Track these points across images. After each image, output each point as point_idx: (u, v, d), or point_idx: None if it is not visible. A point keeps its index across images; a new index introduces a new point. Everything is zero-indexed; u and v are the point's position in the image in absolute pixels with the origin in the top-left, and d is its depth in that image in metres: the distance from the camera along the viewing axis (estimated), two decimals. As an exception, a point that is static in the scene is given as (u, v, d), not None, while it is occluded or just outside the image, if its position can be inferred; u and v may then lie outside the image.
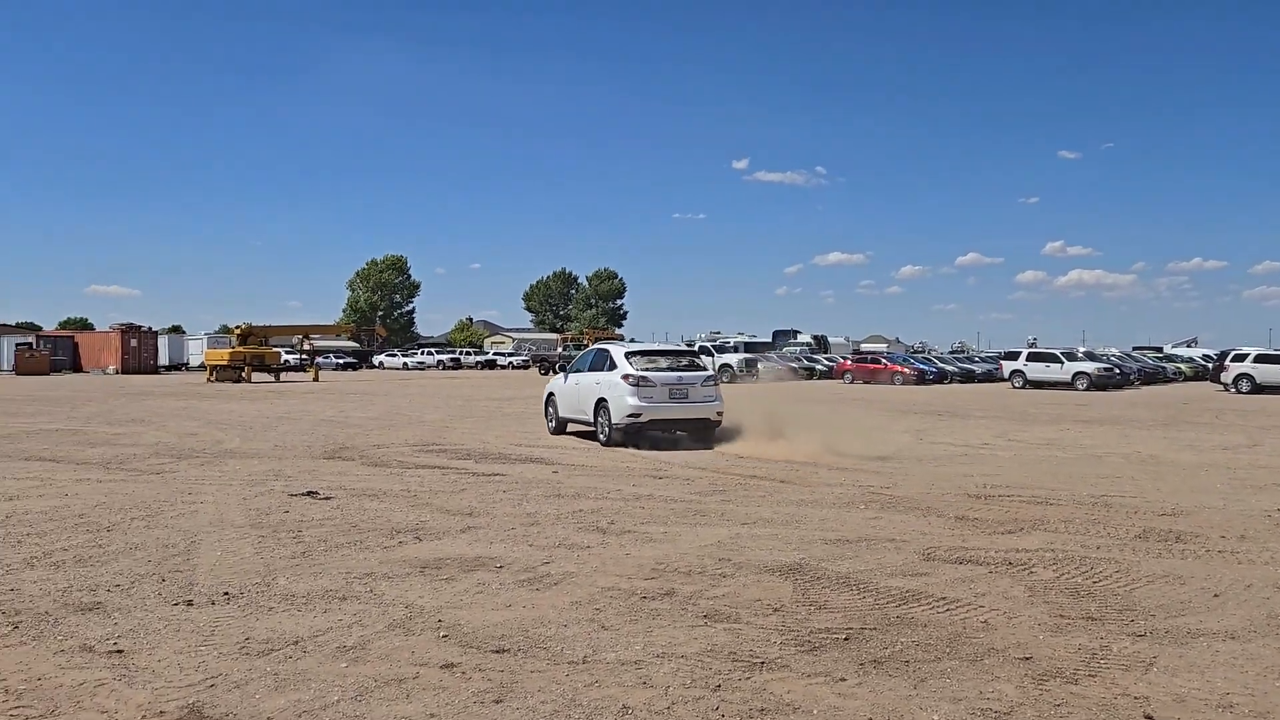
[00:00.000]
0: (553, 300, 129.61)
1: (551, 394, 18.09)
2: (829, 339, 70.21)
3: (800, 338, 67.88)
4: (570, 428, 17.63)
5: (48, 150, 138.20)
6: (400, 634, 5.29)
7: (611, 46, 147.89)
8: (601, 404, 15.80)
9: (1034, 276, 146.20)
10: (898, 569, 6.97)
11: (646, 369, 15.73)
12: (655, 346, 19.22)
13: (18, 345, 58.58)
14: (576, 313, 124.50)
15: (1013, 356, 44.52)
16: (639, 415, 15.22)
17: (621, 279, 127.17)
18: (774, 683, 4.60)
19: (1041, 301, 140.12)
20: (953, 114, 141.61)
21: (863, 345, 79.62)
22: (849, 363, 50.61)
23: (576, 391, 16.92)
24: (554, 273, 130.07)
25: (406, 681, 4.55)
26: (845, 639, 5.28)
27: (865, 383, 46.10)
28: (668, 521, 8.83)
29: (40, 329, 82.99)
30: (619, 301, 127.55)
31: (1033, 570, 6.96)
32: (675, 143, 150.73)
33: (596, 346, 18.35)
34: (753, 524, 8.72)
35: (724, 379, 45.07)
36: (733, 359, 47.12)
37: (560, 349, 72.18)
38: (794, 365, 54.08)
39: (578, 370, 17.36)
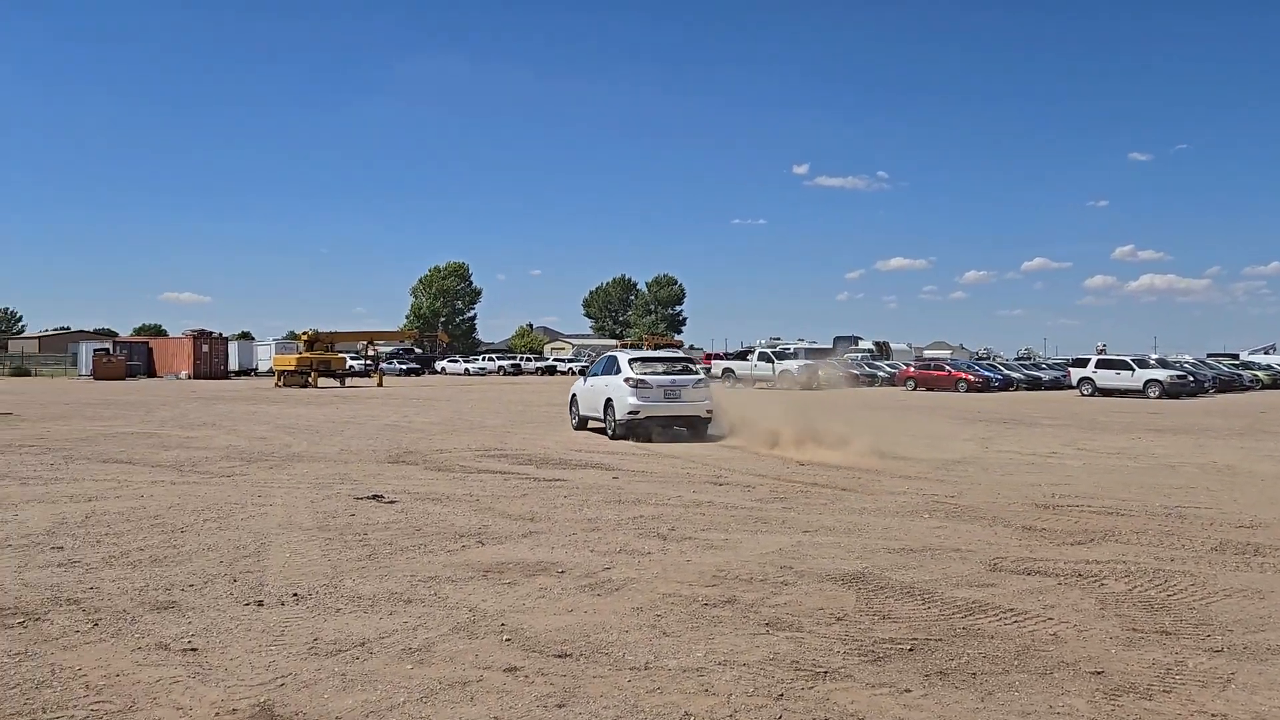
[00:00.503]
0: (612, 306, 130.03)
1: (574, 395, 20.43)
2: (891, 345, 69.41)
3: (862, 344, 67.24)
4: (590, 424, 19.77)
5: (123, 161, 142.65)
6: (464, 637, 5.35)
7: (672, 52, 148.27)
8: (609, 403, 18.16)
9: (1103, 281, 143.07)
10: (963, 579, 6.86)
11: (645, 373, 17.96)
12: (655, 354, 21.26)
13: (96, 351, 60.44)
14: (636, 319, 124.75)
15: (1081, 363, 43.50)
16: (637, 413, 17.48)
17: (681, 285, 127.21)
18: (837, 693, 4.55)
19: (1111, 307, 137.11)
20: (1019, 116, 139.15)
21: (925, 351, 78.51)
22: (911, 369, 50.00)
23: (592, 393, 19.28)
24: (613, 279, 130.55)
25: (470, 684, 4.60)
26: (910, 650, 5.21)
27: (928, 390, 45.47)
28: (728, 528, 8.80)
29: (116, 335, 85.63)
30: (678, 308, 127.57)
31: (1104, 582, 6.79)
32: (735, 148, 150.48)
33: (609, 354, 20.35)
34: (814, 532, 8.65)
35: (784, 385, 44.95)
36: (793, 365, 46.82)
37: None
38: (855, 372, 53.58)
39: (594, 374, 19.66)
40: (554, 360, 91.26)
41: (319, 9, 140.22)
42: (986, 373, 47.98)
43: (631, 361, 18.43)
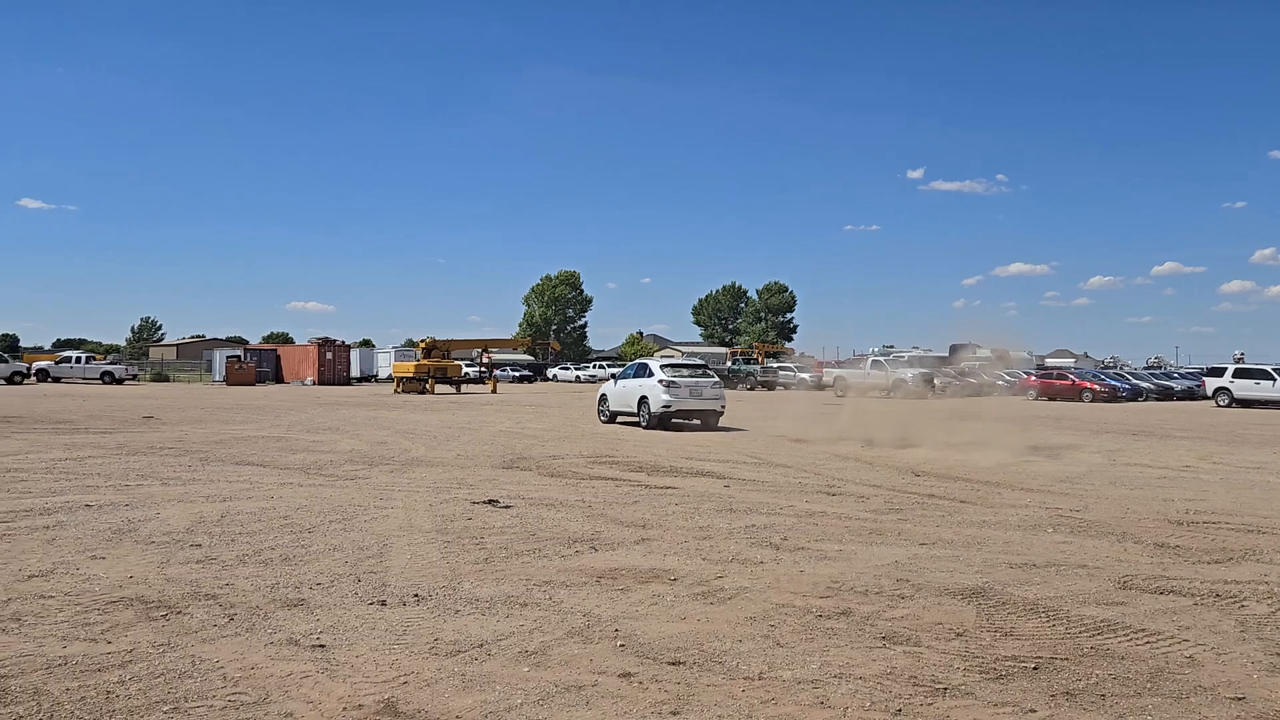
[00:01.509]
0: (722, 314, 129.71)
1: (604, 395, 24.79)
2: (1011, 353, 67.24)
3: (980, 352, 65.35)
4: (619, 419, 24.25)
5: (253, 175, 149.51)
6: (579, 641, 5.42)
7: (784, 58, 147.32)
8: (643, 400, 22.61)
9: (1241, 286, 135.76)
10: (1091, 597, 6.60)
11: (675, 376, 22.47)
12: (681, 361, 26.25)
13: (228, 358, 63.44)
14: (745, 326, 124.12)
15: (1217, 373, 41.36)
16: (670, 406, 22.02)
17: (792, 292, 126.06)
18: (958, 710, 4.44)
19: (1250, 314, 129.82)
20: (1149, 115, 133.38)
21: (1048, 360, 75.85)
22: (1033, 378, 48.34)
23: (624, 392, 23.64)
24: (723, 286, 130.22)
25: (585, 688, 4.65)
26: (1034, 668, 5.04)
27: (1050, 399, 43.96)
28: (842, 539, 8.67)
29: (247, 342, 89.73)
30: (789, 315, 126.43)
31: (1244, 604, 6.44)
32: (848, 154, 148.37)
33: (638, 361, 24.99)
34: (932, 544, 8.46)
35: (898, 394, 44.06)
36: (907, 373, 45.86)
37: (729, 363, 72.11)
38: (972, 380, 52.13)
39: (625, 378, 24.13)
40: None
41: (433, 22, 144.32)
42: (1114, 382, 46.08)
43: (663, 367, 23.00)
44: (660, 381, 22.14)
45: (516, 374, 78.90)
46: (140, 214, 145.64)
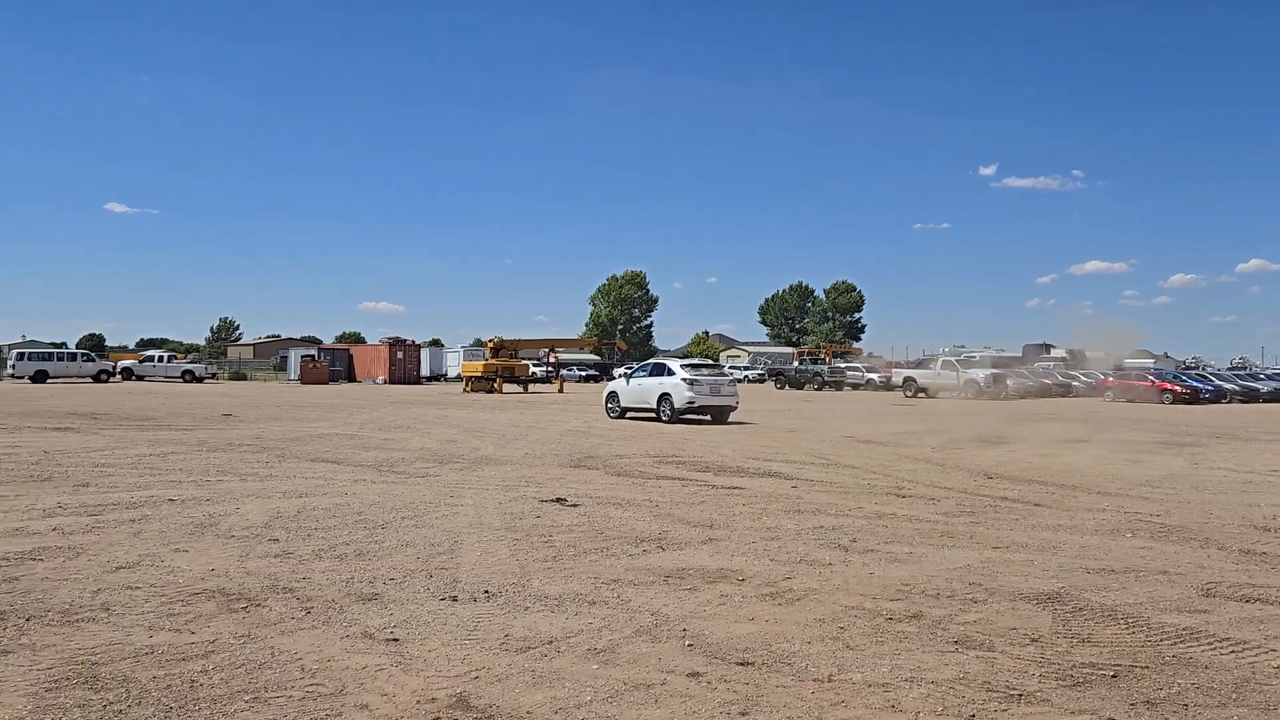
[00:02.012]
0: (789, 314, 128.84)
1: (614, 392, 26.82)
2: (1087, 353, 65.61)
3: (1054, 352, 63.93)
4: (629, 415, 26.12)
5: (325, 178, 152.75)
6: (647, 640, 5.44)
7: (851, 55, 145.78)
8: (665, 397, 24.58)
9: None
10: (1172, 604, 6.42)
11: (696, 375, 24.84)
12: (698, 361, 28.91)
13: (303, 357, 64.91)
14: (813, 326, 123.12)
15: (1306, 373, 39.85)
16: (693, 403, 24.31)
17: (860, 291, 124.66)
18: (1033, 717, 4.36)
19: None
20: (1232, 108, 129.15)
21: (1126, 360, 73.91)
22: (1110, 379, 47.14)
23: (641, 390, 25.66)
24: (790, 286, 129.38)
25: (654, 687, 4.66)
26: (1113, 676, 4.92)
27: (1129, 401, 42.79)
28: (913, 542, 8.56)
29: (320, 342, 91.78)
30: (857, 315, 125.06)
31: (1337, 614, 6.20)
32: (917, 150, 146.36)
33: (654, 361, 27.69)
34: (1005, 548, 8.30)
35: (969, 394, 43.30)
36: (979, 374, 45.04)
37: (796, 363, 71.60)
38: (1046, 381, 51.02)
39: (639, 376, 26.26)
40: (730, 368, 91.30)
41: (500, 23, 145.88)
42: (1195, 383, 44.69)
43: (684, 366, 25.51)
44: (684, 380, 24.41)
45: (583, 373, 79.33)
46: (218, 217, 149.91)
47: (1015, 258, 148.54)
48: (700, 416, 25.28)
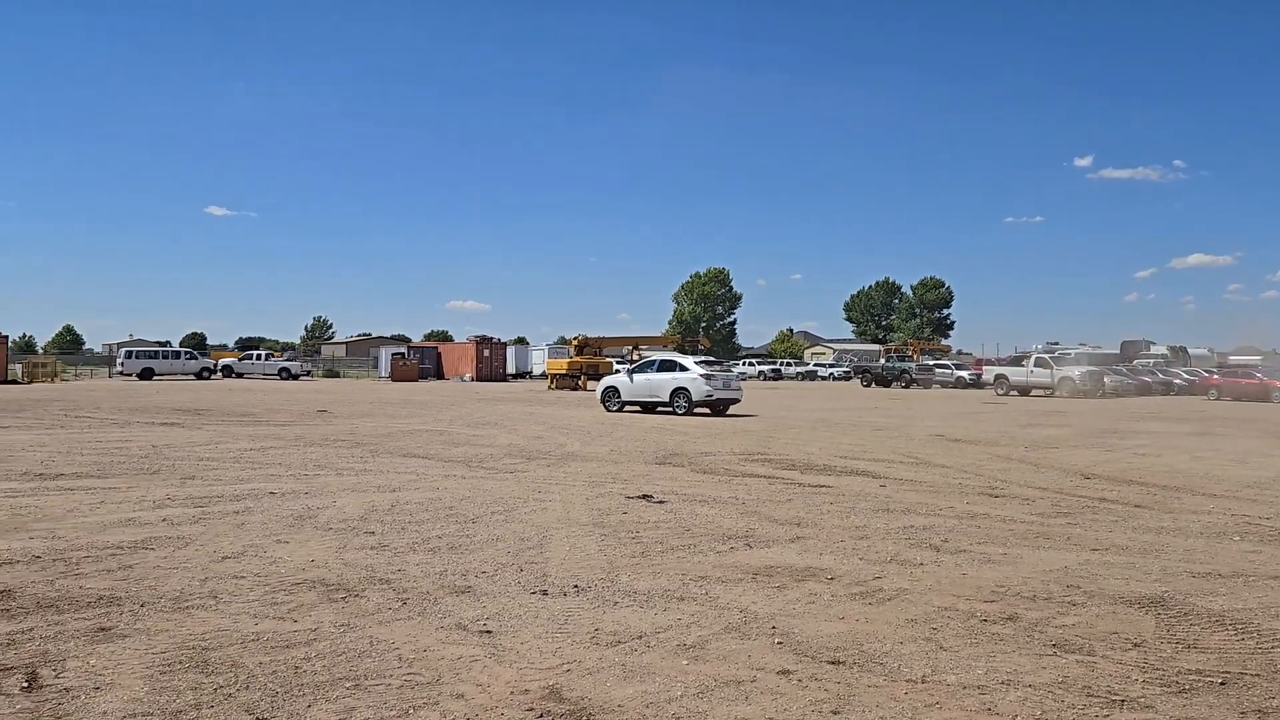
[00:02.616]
0: (875, 310, 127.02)
1: (614, 387, 28.50)
2: (1188, 350, 63.19)
3: (1154, 349, 61.72)
4: (627, 408, 28.13)
5: (412, 179, 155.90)
6: (736, 637, 5.43)
7: (935, 46, 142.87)
8: (681, 391, 26.60)
9: None
10: (1285, 611, 6.15)
11: (710, 371, 27.26)
12: (706, 358, 31.82)
13: (393, 355, 66.43)
14: (899, 323, 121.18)
15: None
16: (710, 395, 26.42)
17: (948, 287, 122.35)
18: (1137, 724, 4.23)
19: None
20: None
21: (1231, 357, 70.87)
22: (1215, 377, 45.32)
23: (649, 384, 27.55)
24: (876, 282, 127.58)
25: (744, 684, 4.66)
26: (1221, 683, 4.74)
27: (1235, 399, 41.08)
28: (1007, 542, 8.37)
29: (410, 340, 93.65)
30: (945, 311, 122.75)
31: None
32: (1008, 142, 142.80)
33: (661, 357, 29.12)
34: (1104, 550, 8.06)
35: (1064, 392, 42.10)
36: (1074, 371, 43.75)
37: (883, 360, 70.52)
38: (1146, 379, 49.30)
39: (645, 372, 27.93)
40: (814, 365, 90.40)
41: (583, 21, 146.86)
42: (1307, 381, 42.61)
43: (696, 363, 27.85)
44: (702, 375, 26.75)
45: (666, 371, 79.36)
46: (312, 219, 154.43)
47: (1112, 251, 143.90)
48: (695, 408, 26.94)
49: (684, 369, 27.26)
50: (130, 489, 10.79)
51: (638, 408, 28.28)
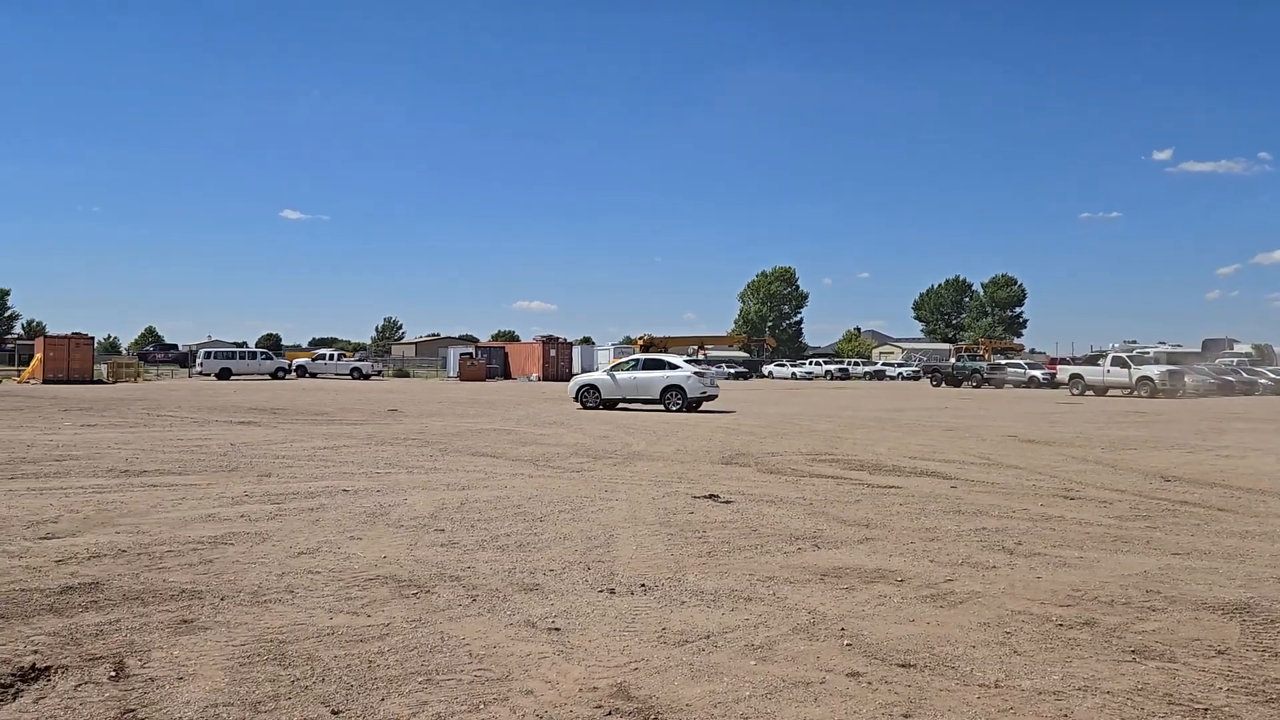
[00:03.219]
0: (944, 309, 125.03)
1: (594, 385, 29.06)
2: (1275, 348, 61.00)
3: (1237, 347, 59.74)
4: (612, 406, 28.79)
5: (479, 181, 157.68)
6: (804, 638, 5.40)
7: (1006, 37, 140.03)
8: (674, 389, 27.72)
9: None
10: (1380, 619, 5.91)
11: (700, 370, 29.21)
12: (692, 358, 34.92)
13: (461, 355, 67.37)
14: (970, 321, 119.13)
15: None
16: (704, 393, 27.99)
17: (1021, 285, 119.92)
18: (1222, 734, 4.10)
19: None
20: None
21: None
22: (1302, 376, 43.63)
23: (634, 382, 28.36)
24: (946, 280, 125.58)
25: (813, 685, 4.63)
26: (1312, 694, 4.57)
27: (1324, 399, 39.51)
28: (1083, 546, 8.18)
29: (477, 340, 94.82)
30: (1017, 309, 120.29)
31: None
32: (1084, 137, 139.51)
33: (645, 356, 30.21)
34: (1186, 555, 7.83)
35: (1143, 393, 40.99)
36: (1153, 370, 42.53)
37: (953, 360, 69.36)
38: (1229, 378, 47.72)
39: (629, 370, 28.86)
40: (883, 365, 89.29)
41: (649, 20, 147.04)
42: (1403, 381, 40.87)
43: (687, 362, 30.75)
44: (695, 374, 28.46)
45: (731, 371, 79.12)
46: (382, 221, 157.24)
47: (1193, 247, 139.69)
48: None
49: (675, 367, 28.64)
50: (210, 485, 11.10)
51: (597, 405, 28.72)
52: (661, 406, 28.00)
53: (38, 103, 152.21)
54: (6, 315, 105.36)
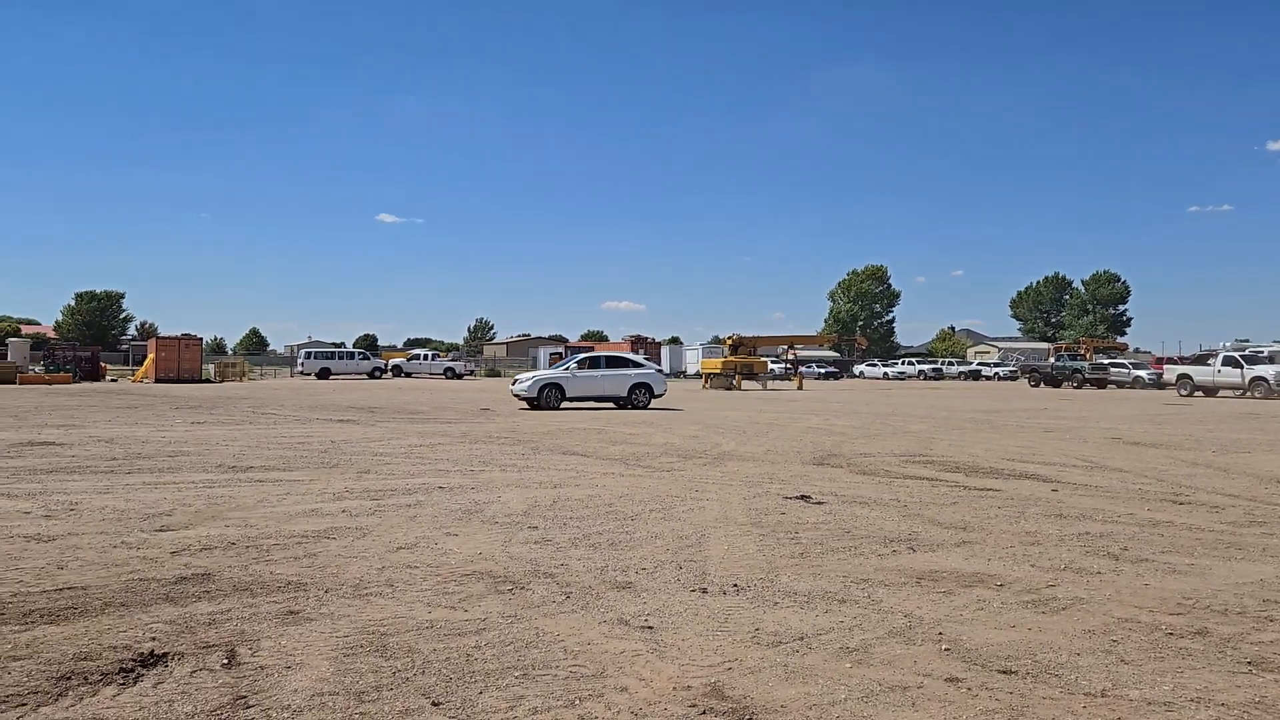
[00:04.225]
0: (1043, 307, 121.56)
1: (557, 384, 27.93)
2: None
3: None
4: (581, 404, 28.79)
5: (569, 183, 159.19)
6: (901, 642, 5.32)
7: (1108, 23, 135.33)
8: (642, 386, 28.67)
9: None
10: None
11: (659, 368, 31.11)
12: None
13: (550, 354, 68.23)
14: (1070, 320, 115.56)
15: None
16: (664, 392, 29.68)
17: (1125, 282, 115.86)
18: (1348, 751, 3.90)
19: None
20: None
21: None
22: None
23: (601, 381, 28.51)
24: (1044, 277, 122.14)
25: (910, 690, 4.56)
26: None
27: None
28: (1194, 552, 7.86)
29: (566, 340, 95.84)
30: (1121, 308, 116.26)
31: None
32: (1193, 125, 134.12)
33: (607, 354, 30.53)
34: (1306, 563, 7.46)
35: (1257, 394, 39.20)
36: (1269, 370, 40.59)
37: (1053, 359, 67.37)
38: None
39: (591, 369, 28.70)
40: (978, 365, 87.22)
41: (739, 20, 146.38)
42: None
43: (645, 359, 32.43)
44: (658, 371, 30.22)
45: (822, 371, 78.31)
46: (475, 223, 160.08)
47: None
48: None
49: (639, 365, 29.91)
50: (312, 481, 11.46)
51: (557, 405, 28.09)
52: (613, 405, 28.59)
53: (154, 115, 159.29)
54: (122, 317, 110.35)
